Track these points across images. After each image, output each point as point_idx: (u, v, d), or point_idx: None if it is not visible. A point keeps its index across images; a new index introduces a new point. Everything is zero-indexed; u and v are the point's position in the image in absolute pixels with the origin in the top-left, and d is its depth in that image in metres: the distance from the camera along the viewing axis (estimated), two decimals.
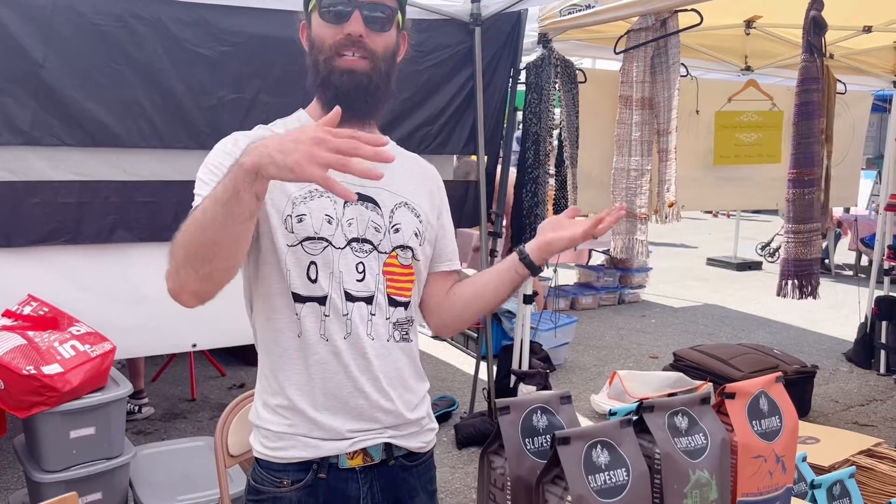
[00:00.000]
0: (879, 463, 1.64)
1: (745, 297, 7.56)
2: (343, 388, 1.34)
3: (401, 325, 1.41)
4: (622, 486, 0.79)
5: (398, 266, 1.40)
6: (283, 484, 1.35)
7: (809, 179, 3.04)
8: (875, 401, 4.74)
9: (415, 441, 1.42)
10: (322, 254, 1.33)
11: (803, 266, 3.02)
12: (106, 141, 2.72)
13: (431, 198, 1.50)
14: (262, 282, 1.37)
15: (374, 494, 1.38)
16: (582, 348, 5.73)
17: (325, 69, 1.35)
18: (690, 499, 0.85)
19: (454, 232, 1.58)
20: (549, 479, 0.80)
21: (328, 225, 1.33)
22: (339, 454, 1.35)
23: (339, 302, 1.34)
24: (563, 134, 3.68)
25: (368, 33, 1.34)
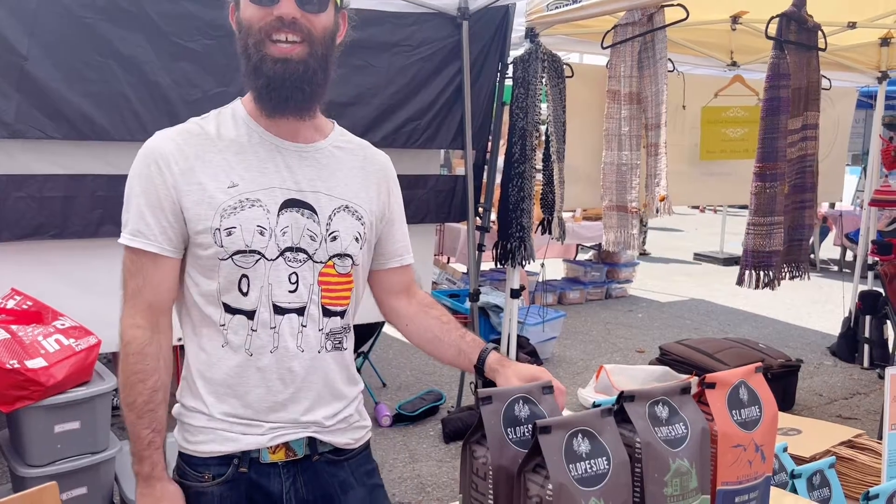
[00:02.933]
0: (860, 454, 1.66)
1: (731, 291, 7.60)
2: (263, 402, 1.32)
3: (334, 335, 1.36)
4: (603, 474, 0.80)
5: (335, 275, 1.34)
6: (205, 478, 1.33)
7: (773, 174, 3.07)
8: (858, 394, 4.79)
9: (342, 437, 1.39)
10: (253, 267, 1.28)
11: (762, 257, 3.08)
12: (91, 134, 2.71)
13: (378, 194, 1.43)
14: (190, 290, 1.32)
15: (298, 489, 1.35)
16: (569, 342, 5.76)
17: (255, 55, 1.25)
18: (671, 487, 0.85)
19: (405, 224, 1.51)
20: (530, 468, 0.80)
21: (260, 236, 1.27)
22: (260, 448, 1.32)
23: (267, 315, 1.29)
24: (550, 129, 3.69)
25: (304, 14, 1.24)
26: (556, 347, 5.51)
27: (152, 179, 1.26)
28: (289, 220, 1.29)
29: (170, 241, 1.27)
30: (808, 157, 3.36)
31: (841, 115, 4.82)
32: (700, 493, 0.90)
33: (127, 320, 1.29)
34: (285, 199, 1.29)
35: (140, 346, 1.28)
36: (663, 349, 4.52)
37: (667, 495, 0.87)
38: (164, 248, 1.27)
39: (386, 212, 1.45)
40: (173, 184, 1.26)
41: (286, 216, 1.28)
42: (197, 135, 1.30)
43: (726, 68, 4.42)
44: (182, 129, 1.32)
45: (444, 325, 1.43)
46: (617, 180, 3.66)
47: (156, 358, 1.29)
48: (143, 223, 1.26)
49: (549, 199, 3.73)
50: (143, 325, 1.28)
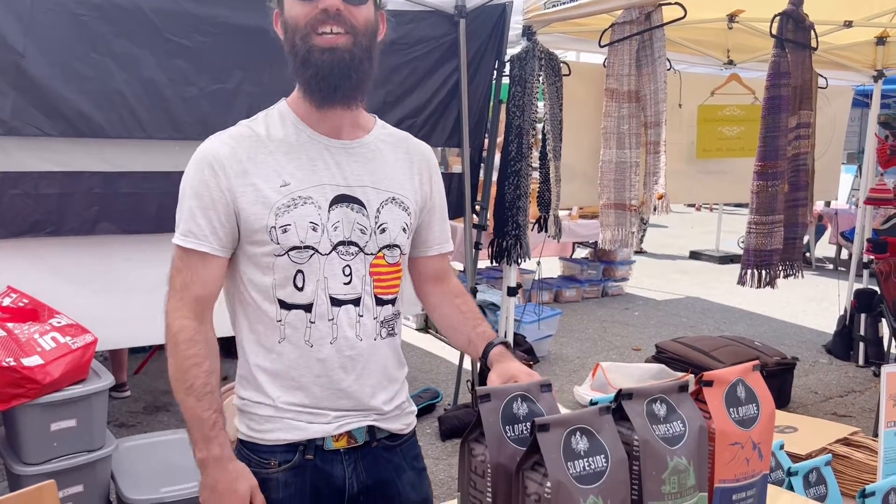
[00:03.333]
0: (856, 451, 1.67)
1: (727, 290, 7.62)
2: (326, 390, 1.37)
3: (388, 322, 1.43)
4: (601, 472, 0.80)
5: (385, 265, 1.41)
6: (270, 465, 1.37)
7: (774, 172, 3.08)
8: (853, 392, 4.80)
9: (396, 423, 1.46)
10: (308, 262, 1.33)
11: (763, 256, 3.08)
12: (88, 131, 2.70)
13: (421, 184, 1.49)
14: (245, 288, 1.37)
15: (359, 474, 1.41)
16: (565, 340, 5.77)
17: (303, 48, 1.30)
18: (668, 485, 0.86)
19: (447, 213, 1.58)
20: (528, 466, 0.80)
21: (313, 232, 1.33)
22: (325, 436, 1.38)
23: (325, 307, 1.35)
24: (547, 127, 3.69)
25: (346, 6, 1.28)
26: (552, 345, 5.51)
27: (206, 183, 1.32)
28: (339, 216, 1.34)
29: (219, 240, 1.33)
30: (801, 155, 3.37)
31: (837, 113, 4.83)
32: (698, 491, 0.90)
33: (175, 312, 1.34)
34: (335, 195, 1.35)
35: (191, 334, 1.33)
36: (659, 347, 4.53)
37: (664, 493, 0.87)
38: (213, 247, 1.33)
39: (428, 201, 1.51)
40: (227, 186, 1.31)
41: (337, 211, 1.34)
42: (248, 137, 1.35)
43: (723, 67, 4.42)
44: (234, 132, 1.37)
45: (461, 315, 1.50)
46: (615, 178, 3.66)
47: (206, 345, 1.34)
48: (195, 224, 1.32)
49: (546, 197, 3.74)
50: (190, 317, 1.34)
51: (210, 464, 1.30)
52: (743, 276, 3.18)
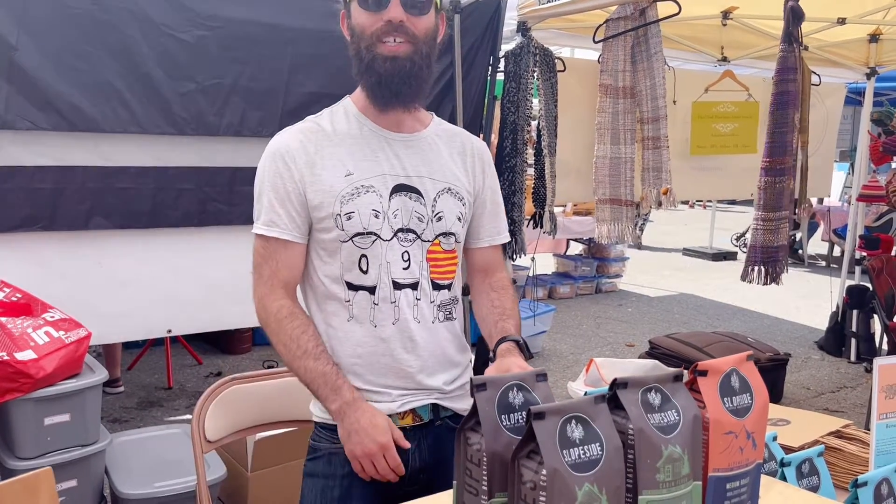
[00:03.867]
0: (848, 444, 1.68)
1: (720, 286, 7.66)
2: (391, 370, 1.45)
3: (444, 307, 1.50)
4: (596, 460, 0.81)
5: (441, 252, 1.49)
6: (336, 443, 1.43)
7: (781, 168, 3.08)
8: (845, 388, 4.83)
9: (461, 403, 1.52)
10: (371, 247, 1.42)
11: (770, 253, 3.08)
12: (82, 125, 2.69)
13: (475, 176, 1.56)
14: (315, 270, 1.46)
15: (423, 451, 1.48)
16: (559, 336, 5.78)
17: (367, 56, 1.40)
18: (663, 473, 0.86)
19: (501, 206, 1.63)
20: (524, 454, 0.81)
21: (375, 219, 1.42)
22: (391, 414, 1.44)
23: (387, 290, 1.43)
24: (542, 123, 3.69)
25: (409, 17, 1.37)
26: (546, 341, 5.53)
27: (281, 174, 1.43)
28: (399, 204, 1.44)
29: (298, 228, 1.44)
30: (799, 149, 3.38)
31: (830, 111, 4.85)
32: (692, 480, 0.91)
33: (269, 296, 1.44)
34: (395, 184, 1.45)
35: (290, 310, 1.43)
36: (653, 343, 4.54)
37: (659, 481, 0.88)
38: (294, 235, 1.44)
39: (480, 193, 1.58)
40: (300, 178, 1.42)
41: (396, 200, 1.44)
42: (315, 132, 1.46)
43: (717, 63, 4.44)
44: (302, 127, 1.48)
45: (492, 308, 1.55)
46: (610, 174, 3.66)
47: (305, 317, 1.45)
48: (275, 214, 1.43)
49: (541, 193, 3.74)
50: (283, 297, 1.45)
51: (346, 409, 1.38)
52: (749, 273, 3.17)
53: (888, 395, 1.49)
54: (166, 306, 2.92)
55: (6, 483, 1.14)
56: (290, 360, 1.41)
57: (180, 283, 2.88)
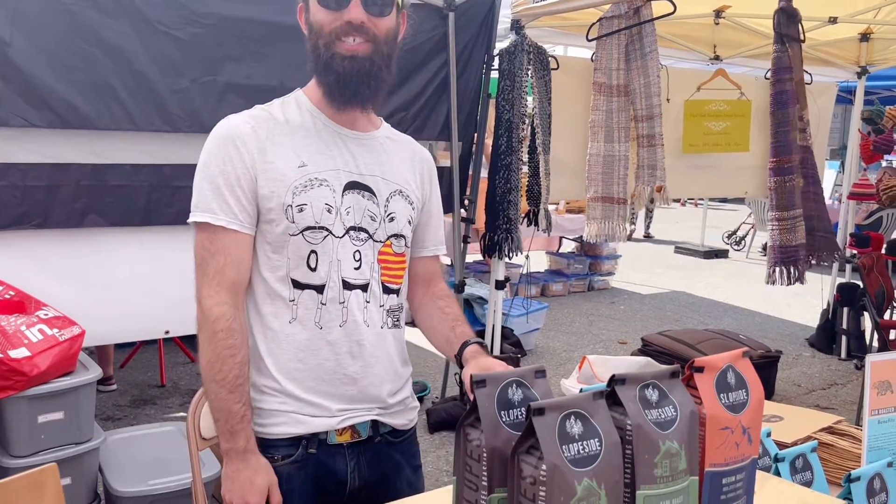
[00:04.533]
0: (840, 439, 1.70)
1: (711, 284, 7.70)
2: (333, 375, 1.38)
3: (393, 312, 1.45)
4: (595, 455, 0.82)
5: (392, 254, 1.44)
6: (274, 459, 1.38)
7: (788, 167, 3.10)
8: (836, 384, 4.87)
9: (399, 419, 1.48)
10: (322, 243, 1.35)
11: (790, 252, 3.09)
12: (76, 123, 2.67)
13: (422, 184, 1.53)
14: (259, 267, 1.38)
15: (362, 469, 1.43)
16: (552, 334, 5.80)
17: (325, 53, 1.35)
18: (660, 468, 0.87)
19: (442, 217, 1.61)
20: (524, 450, 0.82)
21: (328, 214, 1.35)
22: (329, 430, 1.39)
23: (336, 290, 1.37)
24: (536, 121, 3.70)
25: (369, 18, 1.33)
26: (539, 339, 5.54)
27: (231, 159, 1.34)
28: (352, 201, 1.37)
29: (249, 218, 1.34)
30: (808, 148, 3.40)
31: (822, 110, 4.87)
32: (689, 475, 0.92)
33: (212, 298, 1.33)
34: (348, 180, 1.39)
35: (228, 323, 1.32)
36: (645, 340, 4.57)
37: (657, 476, 0.89)
38: (243, 225, 1.34)
39: (427, 202, 1.54)
40: (251, 163, 1.33)
41: (349, 197, 1.37)
42: (266, 119, 1.38)
43: (709, 62, 4.46)
44: (251, 113, 1.40)
45: (442, 315, 1.51)
46: (603, 172, 3.68)
47: (242, 334, 1.34)
48: (223, 201, 1.33)
49: (535, 190, 3.75)
50: (228, 302, 1.33)
51: (234, 455, 1.33)
52: (772, 275, 3.17)
53: (880, 391, 1.50)
54: (164, 307, 2.89)
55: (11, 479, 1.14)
56: (207, 378, 1.33)
57: (178, 283, 2.84)
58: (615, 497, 0.84)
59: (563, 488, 0.80)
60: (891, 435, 1.52)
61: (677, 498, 0.89)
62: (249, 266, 1.37)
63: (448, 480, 3.32)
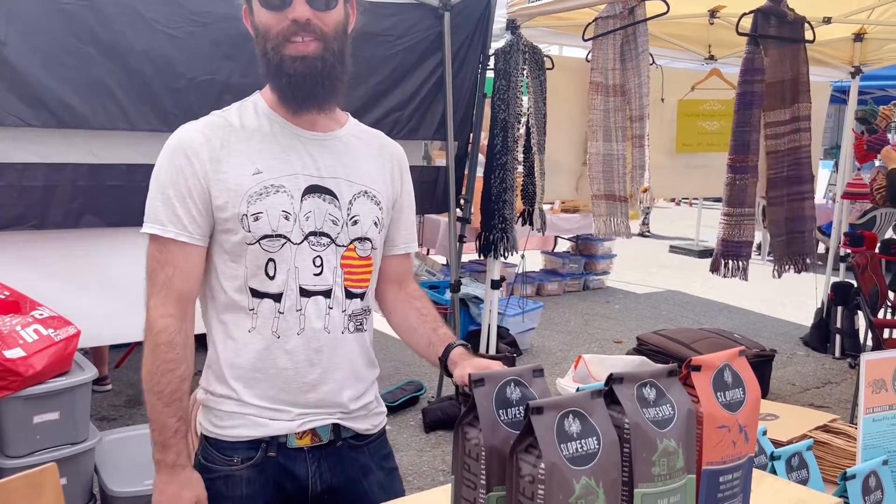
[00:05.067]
0: (835, 438, 1.71)
1: (706, 283, 7.70)
2: (292, 384, 1.35)
3: (356, 317, 1.41)
4: (593, 453, 0.82)
5: (356, 258, 1.39)
6: (233, 462, 1.36)
7: (743, 166, 3.14)
8: (830, 383, 4.89)
9: (363, 423, 1.44)
10: (280, 251, 1.32)
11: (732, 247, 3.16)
12: (72, 122, 2.67)
13: (392, 181, 1.48)
14: (217, 276, 1.36)
15: (323, 473, 1.40)
16: (548, 333, 5.80)
17: (275, 57, 1.30)
18: (658, 466, 0.88)
19: (414, 213, 1.56)
20: (522, 448, 0.82)
21: (285, 221, 1.32)
22: (288, 434, 1.37)
23: (294, 298, 1.33)
24: (531, 121, 3.71)
25: (315, 14, 1.29)
26: (534, 338, 5.55)
27: (182, 170, 1.31)
28: (312, 206, 1.33)
29: (199, 229, 1.32)
30: (802, 148, 3.42)
31: (816, 109, 4.88)
32: (686, 473, 0.93)
33: (157, 310, 1.32)
34: (308, 185, 1.35)
35: (171, 336, 1.31)
36: (640, 339, 4.57)
37: (655, 475, 0.89)
38: (193, 237, 1.31)
39: (398, 199, 1.50)
40: (203, 174, 1.30)
41: (309, 201, 1.33)
42: (221, 126, 1.35)
43: (704, 62, 4.47)
44: (206, 121, 1.36)
45: (421, 317, 1.48)
46: (604, 170, 3.69)
47: (184, 347, 1.32)
48: (172, 213, 1.30)
49: (530, 190, 3.76)
50: (173, 314, 1.31)
51: (163, 468, 1.31)
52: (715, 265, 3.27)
53: (875, 389, 1.51)
54: None
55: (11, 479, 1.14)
56: (146, 388, 1.32)
57: None
58: (613, 495, 0.85)
59: (562, 487, 0.80)
60: (886, 433, 1.53)
61: (675, 496, 0.90)
62: (200, 277, 1.35)
63: (444, 480, 3.32)
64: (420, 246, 6.47)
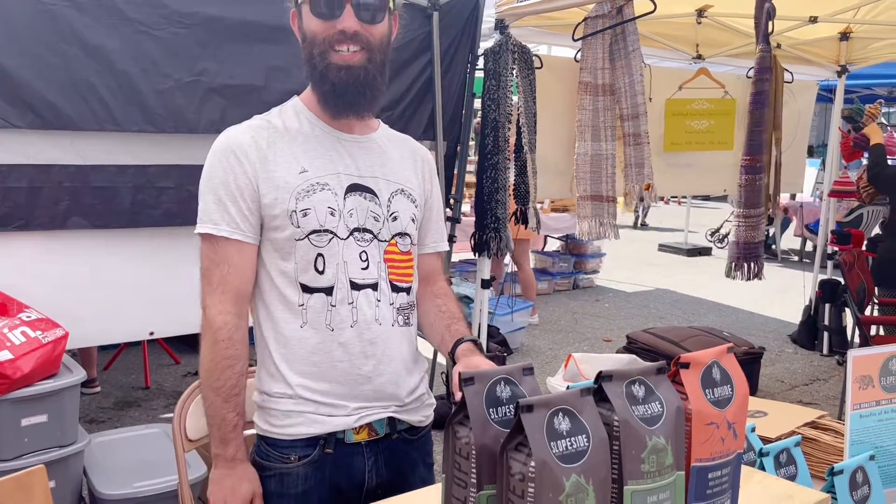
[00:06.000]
0: (823, 434, 1.72)
1: (695, 281, 7.75)
2: (348, 376, 1.39)
3: (404, 311, 1.46)
4: (583, 451, 0.83)
5: (398, 253, 1.45)
6: (290, 460, 1.39)
7: (759, 166, 3.15)
8: (818, 380, 4.92)
9: (416, 415, 1.49)
10: (328, 245, 1.37)
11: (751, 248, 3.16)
12: (58, 123, 2.65)
13: (423, 181, 1.54)
14: (267, 274, 1.40)
15: (379, 467, 1.44)
16: (538, 332, 5.82)
17: (321, 63, 1.36)
18: (647, 464, 0.88)
19: (443, 214, 1.63)
20: (512, 446, 0.82)
21: (331, 217, 1.37)
22: (346, 429, 1.40)
23: (345, 291, 1.38)
24: (522, 120, 3.71)
25: (363, 26, 1.34)
26: (524, 337, 5.56)
27: (232, 170, 1.36)
28: (354, 203, 1.39)
29: (251, 227, 1.37)
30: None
31: (802, 108, 4.93)
32: (675, 470, 0.93)
33: (216, 307, 1.36)
34: (350, 183, 1.41)
35: (230, 332, 1.35)
36: (630, 338, 4.59)
37: (644, 471, 0.89)
38: (246, 234, 1.37)
39: (429, 198, 1.56)
40: (253, 173, 1.36)
41: (351, 199, 1.39)
42: (266, 128, 1.40)
43: (692, 61, 4.49)
44: (250, 123, 1.42)
45: (439, 314, 1.52)
46: (591, 170, 3.70)
47: (242, 344, 1.37)
48: (224, 212, 1.36)
49: (522, 189, 3.77)
50: (232, 312, 1.36)
51: (222, 462, 1.36)
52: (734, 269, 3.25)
53: (862, 385, 1.53)
54: (148, 308, 2.88)
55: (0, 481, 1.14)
56: (205, 385, 1.37)
57: (163, 284, 2.83)
58: (603, 492, 0.85)
59: (552, 484, 0.80)
60: (873, 429, 1.55)
61: (664, 492, 0.90)
62: (253, 274, 1.40)
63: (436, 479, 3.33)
64: None
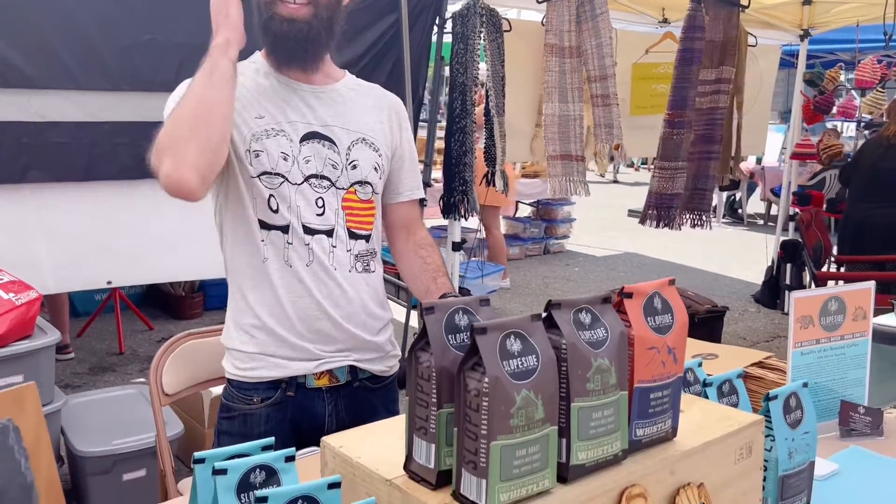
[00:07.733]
0: (769, 373, 1.83)
1: (662, 244, 7.89)
2: (308, 310, 1.43)
3: (362, 257, 1.48)
4: (533, 369, 0.90)
5: (357, 201, 1.47)
6: (253, 401, 1.45)
7: (679, 121, 3.23)
8: (779, 337, 5.10)
9: (378, 365, 1.53)
10: (279, 189, 1.41)
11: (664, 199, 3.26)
12: (16, 81, 2.65)
13: (391, 130, 1.55)
14: (230, 208, 1.44)
15: (339, 412, 1.49)
16: (509, 296, 5.92)
17: (265, 13, 1.38)
18: (592, 382, 0.96)
19: (417, 161, 1.64)
20: (468, 367, 0.89)
21: (284, 162, 1.40)
22: (307, 374, 1.45)
23: (299, 233, 1.42)
24: (489, 84, 3.75)
25: None
26: (496, 300, 5.66)
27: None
28: (311, 151, 1.42)
29: None
30: (718, 109, 3.51)
31: (765, 71, 5.02)
32: (619, 390, 1.01)
33: None
34: (306, 131, 1.43)
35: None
36: None
37: (589, 390, 0.97)
38: None
39: (398, 148, 1.57)
40: None
41: (308, 147, 1.42)
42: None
43: (658, 25, 4.55)
44: None
45: (424, 266, 1.56)
46: (559, 131, 3.75)
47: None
48: None
49: (492, 152, 3.82)
50: None
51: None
52: (644, 217, 3.36)
53: (803, 325, 1.63)
54: (105, 258, 2.94)
55: None
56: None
57: (119, 236, 2.90)
58: (552, 407, 0.93)
59: (504, 398, 0.88)
60: (812, 365, 1.66)
61: (608, 409, 0.98)
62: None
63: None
64: None
